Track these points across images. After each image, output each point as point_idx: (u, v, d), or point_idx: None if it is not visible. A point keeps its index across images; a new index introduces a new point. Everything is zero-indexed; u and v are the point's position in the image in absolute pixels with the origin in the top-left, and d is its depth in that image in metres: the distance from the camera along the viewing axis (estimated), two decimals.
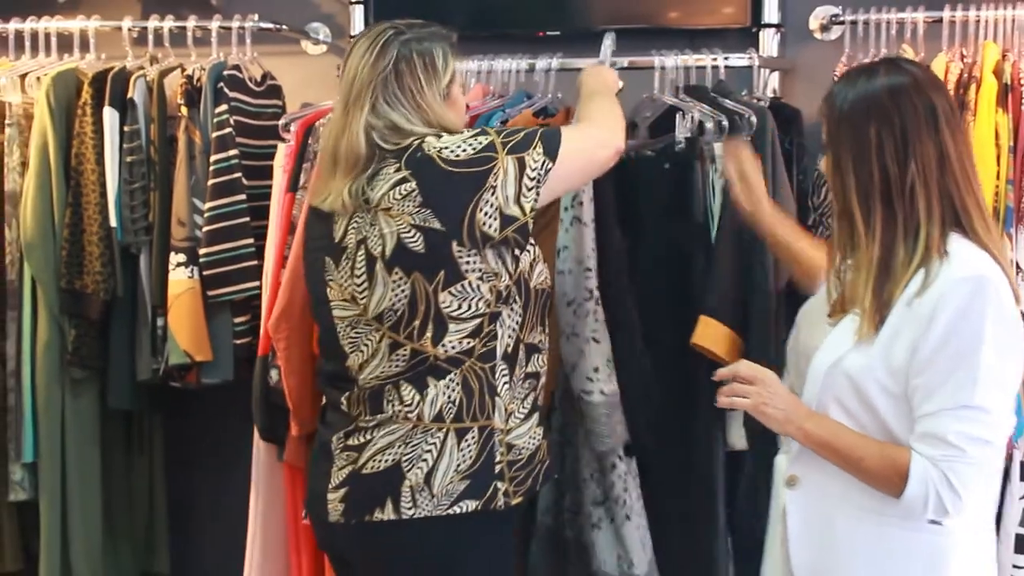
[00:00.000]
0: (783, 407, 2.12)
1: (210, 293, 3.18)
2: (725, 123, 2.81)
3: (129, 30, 3.42)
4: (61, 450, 3.37)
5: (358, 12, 3.54)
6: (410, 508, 2.35)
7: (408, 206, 2.31)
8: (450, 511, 2.35)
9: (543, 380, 2.54)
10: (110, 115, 3.27)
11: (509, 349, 2.42)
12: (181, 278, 3.20)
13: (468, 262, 2.32)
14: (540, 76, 3.09)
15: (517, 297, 2.41)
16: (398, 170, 2.32)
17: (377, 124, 2.35)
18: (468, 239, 2.31)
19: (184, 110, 3.25)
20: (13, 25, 3.46)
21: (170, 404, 3.53)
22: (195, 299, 3.19)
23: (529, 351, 2.47)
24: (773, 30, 3.27)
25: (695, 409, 2.86)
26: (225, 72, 3.26)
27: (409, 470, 2.36)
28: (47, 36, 3.45)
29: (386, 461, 2.38)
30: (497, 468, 2.39)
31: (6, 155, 3.37)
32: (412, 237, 2.31)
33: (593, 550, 2.89)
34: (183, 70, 3.31)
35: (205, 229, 3.17)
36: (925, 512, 2.05)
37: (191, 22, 3.38)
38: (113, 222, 3.27)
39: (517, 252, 2.37)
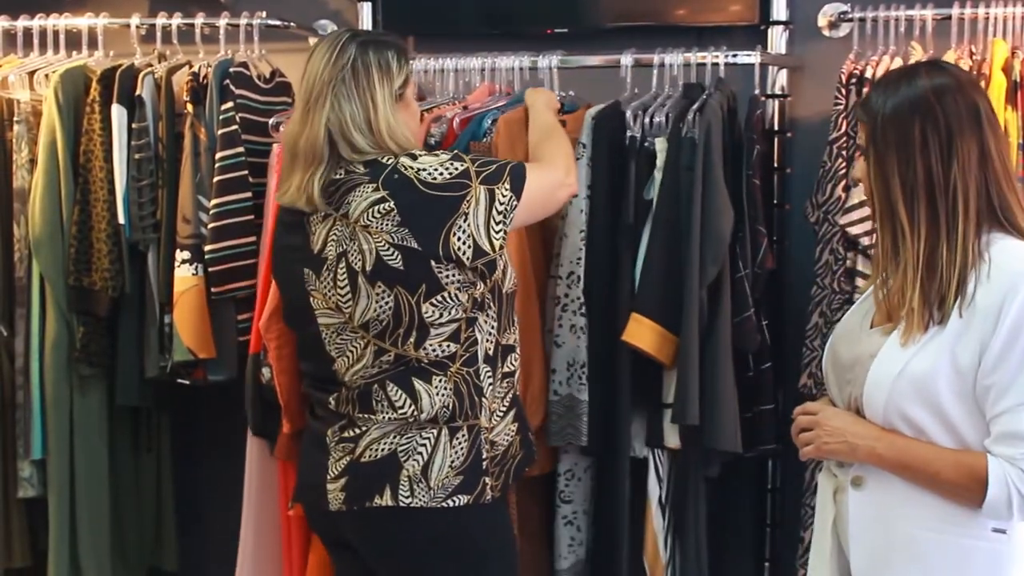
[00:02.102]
0: (846, 438, 2.14)
1: (214, 290, 3.18)
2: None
3: (137, 27, 3.43)
4: (69, 447, 3.38)
5: (366, 9, 3.54)
6: (408, 497, 2.46)
7: (387, 225, 2.40)
8: (444, 504, 2.47)
9: (518, 376, 2.66)
10: (118, 112, 3.28)
11: (490, 352, 2.53)
12: (186, 275, 3.21)
13: (447, 275, 2.43)
14: (544, 74, 3.09)
15: (492, 303, 2.52)
16: (376, 189, 2.42)
17: (335, 120, 2.44)
18: (444, 257, 2.41)
19: (190, 107, 3.25)
20: (22, 22, 3.47)
21: (178, 401, 3.54)
22: (199, 296, 3.20)
23: (506, 352, 2.58)
24: (781, 27, 3.25)
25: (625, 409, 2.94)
26: (231, 69, 3.26)
27: (406, 460, 2.47)
28: (55, 33, 3.46)
29: (383, 450, 2.48)
30: (484, 464, 2.51)
31: (14, 152, 3.38)
32: (391, 254, 2.40)
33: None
34: (190, 67, 3.31)
35: (210, 226, 3.17)
36: (1011, 515, 2.04)
37: (199, 19, 3.39)
38: (121, 219, 3.28)
39: (491, 269, 2.49)
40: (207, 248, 3.17)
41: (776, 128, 3.20)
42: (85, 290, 3.30)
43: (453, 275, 2.43)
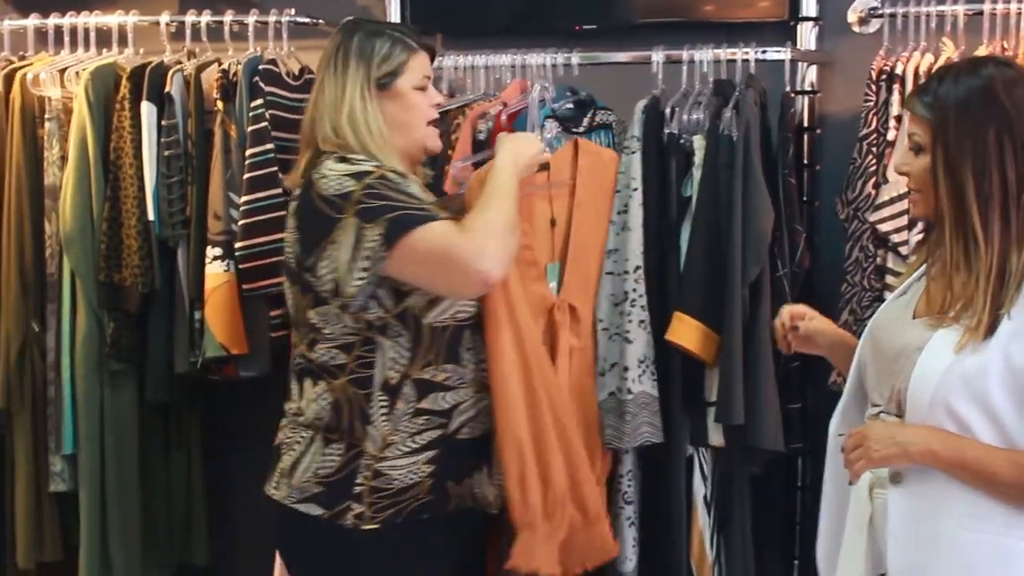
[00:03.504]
0: (896, 441, 2.08)
1: (246, 287, 3.20)
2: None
3: (167, 25, 3.45)
4: (100, 442, 3.41)
5: (394, 5, 3.54)
6: (274, 488, 2.47)
7: (293, 222, 2.40)
8: (296, 507, 2.41)
9: (465, 418, 2.44)
10: (148, 109, 3.30)
11: (392, 382, 2.37)
12: (217, 271, 3.22)
13: (325, 292, 2.34)
14: (567, 71, 3.10)
15: (402, 331, 2.36)
16: (304, 184, 2.40)
17: (314, 107, 2.45)
18: (316, 276, 2.35)
19: (221, 104, 3.26)
20: (52, 20, 3.49)
21: (207, 397, 3.55)
22: (231, 292, 3.22)
23: (424, 387, 2.38)
24: (811, 23, 3.23)
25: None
26: (261, 66, 3.27)
27: (284, 453, 2.46)
28: (86, 31, 3.48)
29: (279, 440, 2.50)
30: (356, 489, 2.38)
31: (45, 149, 3.40)
32: (289, 252, 2.40)
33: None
34: (220, 64, 3.33)
35: (241, 223, 3.18)
36: None
37: (228, 17, 3.40)
38: (151, 216, 3.31)
39: (389, 295, 2.33)
40: (237, 245, 3.19)
41: (806, 125, 3.19)
42: (115, 286, 3.32)
43: (332, 294, 2.34)
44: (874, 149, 2.94)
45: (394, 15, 3.53)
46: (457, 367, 2.42)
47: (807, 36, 3.24)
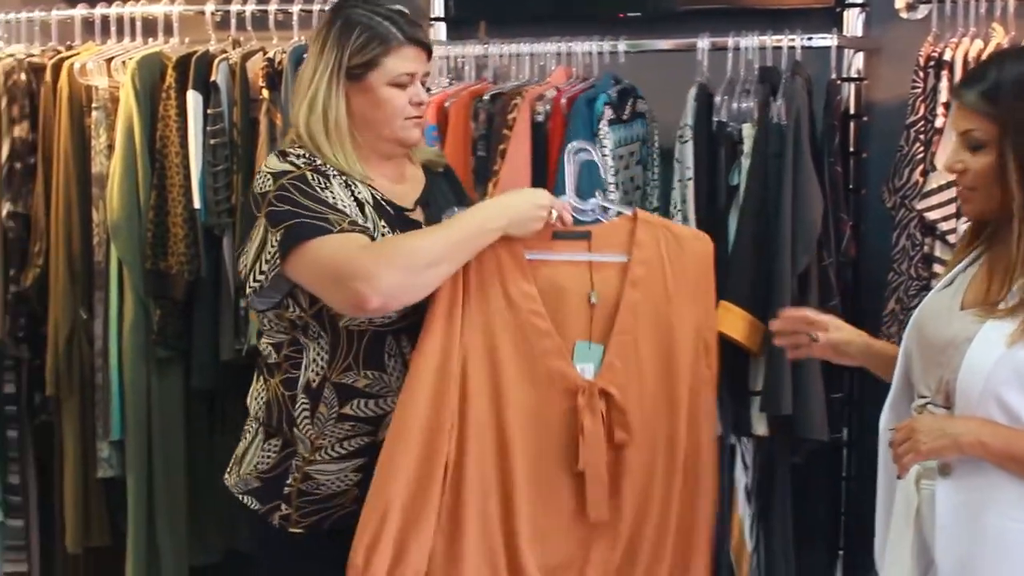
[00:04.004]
0: (946, 432, 2.04)
1: None
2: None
3: (212, 14, 3.48)
4: (147, 428, 3.45)
5: None
6: (227, 474, 2.46)
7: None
8: (240, 497, 2.41)
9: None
10: (193, 98, 3.32)
11: (313, 384, 2.30)
12: None
13: (251, 286, 2.29)
14: (609, 59, 3.10)
15: (321, 332, 2.29)
16: None
17: (295, 85, 2.39)
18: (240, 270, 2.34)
19: (266, 93, 3.27)
20: (99, 10, 3.53)
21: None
22: None
23: (344, 392, 2.30)
24: (857, 9, 3.20)
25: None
26: (305, 55, 3.27)
27: (239, 442, 2.46)
28: (132, 21, 3.52)
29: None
30: (286, 489, 2.34)
31: (93, 138, 3.43)
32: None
33: None
34: (264, 53, 3.34)
35: None
36: None
37: (273, 5, 3.42)
38: (197, 204, 3.33)
39: (305, 295, 2.26)
40: None
41: (852, 112, 3.16)
42: (162, 274, 3.35)
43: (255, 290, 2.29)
44: (922, 136, 2.92)
45: (438, 4, 3.53)
46: (382, 374, 2.31)
47: (854, 22, 3.21)
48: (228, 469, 2.46)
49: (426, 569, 2.21)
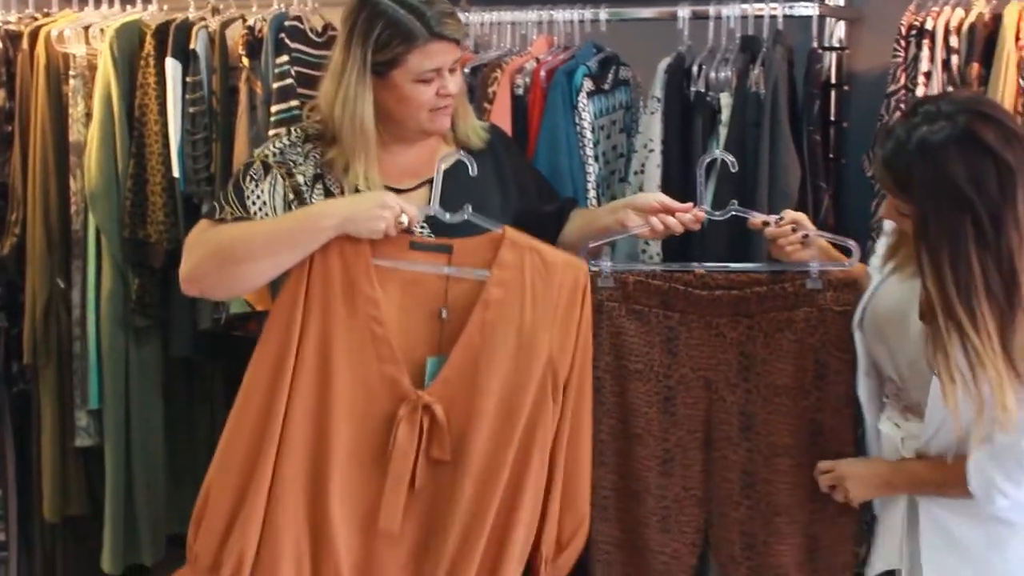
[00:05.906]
0: (862, 483, 2.27)
1: None
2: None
3: None
4: (125, 397, 3.44)
5: None
6: None
7: None
8: None
9: None
10: (172, 66, 3.29)
11: None
12: None
13: None
14: (591, 28, 3.09)
15: None
16: None
17: (329, 70, 2.40)
18: None
19: (245, 61, 3.25)
20: None
21: (231, 353, 3.56)
22: None
23: None
24: None
25: None
26: (286, 23, 3.26)
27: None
28: None
29: None
30: None
31: (70, 106, 3.41)
32: None
33: None
34: (244, 21, 3.32)
35: None
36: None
37: None
38: (176, 172, 3.31)
39: None
40: None
41: (833, 81, 3.17)
42: (140, 242, 3.34)
43: None
44: (902, 106, 2.91)
45: None
46: None
47: None
48: None
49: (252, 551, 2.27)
